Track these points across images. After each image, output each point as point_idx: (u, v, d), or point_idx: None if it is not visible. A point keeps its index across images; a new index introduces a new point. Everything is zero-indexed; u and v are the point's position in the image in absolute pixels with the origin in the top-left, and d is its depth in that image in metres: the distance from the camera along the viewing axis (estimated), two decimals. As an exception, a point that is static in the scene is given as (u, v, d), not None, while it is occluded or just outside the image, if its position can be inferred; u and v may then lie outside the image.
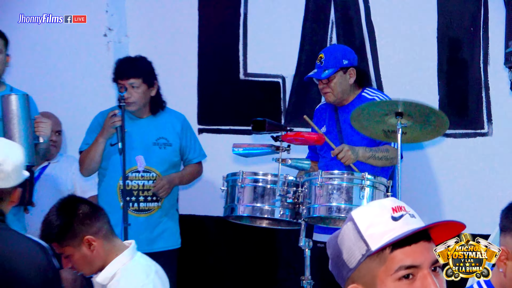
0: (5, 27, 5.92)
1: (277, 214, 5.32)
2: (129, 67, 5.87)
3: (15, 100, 5.46)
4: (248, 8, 6.76)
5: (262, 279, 6.76)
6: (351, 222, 2.23)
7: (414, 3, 6.23)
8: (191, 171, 6.12)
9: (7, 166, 3.47)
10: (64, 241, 3.91)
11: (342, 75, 5.56)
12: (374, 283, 2.20)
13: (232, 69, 6.85)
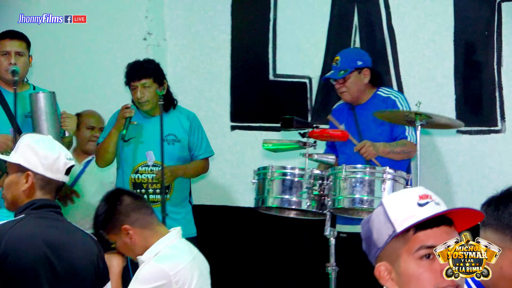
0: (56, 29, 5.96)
1: (304, 205, 5.33)
2: (140, 69, 5.87)
3: (43, 98, 5.50)
4: (277, 14, 6.77)
5: (287, 267, 6.77)
6: (381, 206, 2.32)
7: (432, 9, 6.21)
8: (196, 166, 6.08)
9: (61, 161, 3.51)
10: (106, 229, 4.04)
11: (357, 75, 5.59)
12: (398, 261, 2.27)
13: (262, 70, 6.85)
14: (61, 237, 3.49)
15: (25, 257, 3.34)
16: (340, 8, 6.54)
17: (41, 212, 3.47)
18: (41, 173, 3.48)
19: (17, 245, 3.33)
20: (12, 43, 5.73)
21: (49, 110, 5.51)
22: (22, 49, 5.75)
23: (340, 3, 6.54)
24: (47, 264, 3.39)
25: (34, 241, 3.38)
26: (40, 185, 3.49)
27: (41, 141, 3.59)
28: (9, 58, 5.67)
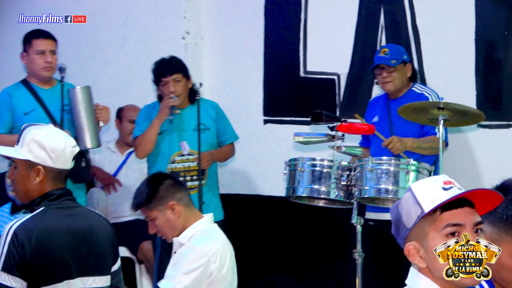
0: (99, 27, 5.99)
1: (332, 194, 5.35)
2: (171, 65, 5.90)
3: (80, 92, 5.56)
4: (308, 14, 6.76)
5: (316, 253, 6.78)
6: (410, 191, 2.40)
7: (454, 10, 6.18)
8: (225, 150, 6.14)
9: (67, 151, 3.47)
10: (151, 206, 4.06)
11: (402, 67, 5.59)
12: (426, 239, 2.35)
13: (294, 67, 6.85)
14: (82, 224, 3.49)
15: (54, 250, 3.34)
16: (367, 9, 6.53)
17: (59, 203, 3.46)
18: (50, 166, 3.45)
19: (46, 240, 3.32)
20: (47, 42, 5.77)
21: (86, 103, 5.58)
22: (55, 47, 5.81)
23: (367, 4, 6.53)
24: (74, 252, 3.41)
25: (60, 233, 3.38)
26: (51, 177, 3.47)
27: (46, 134, 3.50)
28: (44, 57, 5.72)
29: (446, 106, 5.06)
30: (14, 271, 3.23)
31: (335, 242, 6.45)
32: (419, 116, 5.25)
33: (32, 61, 5.74)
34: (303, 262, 6.85)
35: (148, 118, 5.92)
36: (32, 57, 5.73)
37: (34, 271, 3.27)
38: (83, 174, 5.78)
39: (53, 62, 5.74)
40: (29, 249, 3.25)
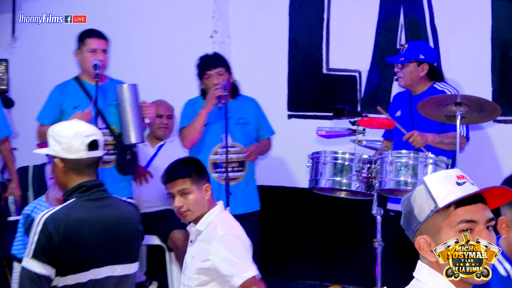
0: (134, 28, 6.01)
1: (353, 186, 5.34)
2: (216, 59, 5.94)
3: (127, 89, 5.57)
4: (331, 14, 6.77)
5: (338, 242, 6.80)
6: (423, 184, 2.35)
7: (471, 10, 6.17)
8: (264, 144, 6.16)
9: (76, 141, 3.48)
10: (195, 180, 4.02)
11: (415, 66, 5.54)
12: (439, 233, 2.30)
13: (317, 64, 6.86)
14: (113, 215, 3.51)
15: (82, 241, 3.37)
16: (388, 9, 6.52)
17: (89, 194, 3.48)
18: (64, 157, 3.48)
19: (74, 230, 3.35)
20: (99, 41, 5.80)
21: (132, 99, 5.58)
22: (106, 46, 5.84)
23: (388, 4, 6.52)
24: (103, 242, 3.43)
25: (88, 224, 3.40)
26: (71, 168, 3.49)
27: (60, 128, 3.55)
28: (96, 55, 5.76)
29: (462, 100, 5.02)
30: (43, 259, 3.26)
31: (356, 231, 6.45)
32: (437, 112, 5.21)
33: (84, 59, 5.77)
34: (325, 251, 6.87)
35: (193, 111, 5.95)
36: (84, 55, 5.77)
37: (61, 260, 3.30)
38: (129, 167, 5.82)
39: (104, 61, 5.79)
40: (57, 239, 3.28)
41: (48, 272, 3.27)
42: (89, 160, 3.52)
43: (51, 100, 5.89)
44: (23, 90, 7.16)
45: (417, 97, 5.54)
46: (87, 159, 3.51)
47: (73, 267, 3.34)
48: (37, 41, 7.48)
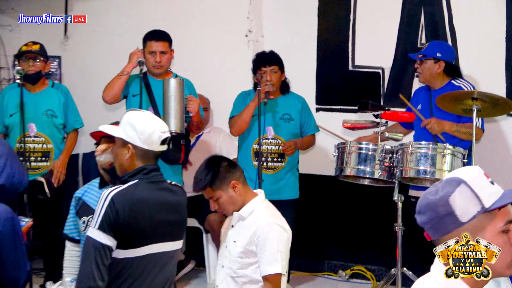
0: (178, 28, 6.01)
1: (376, 174, 5.35)
2: (271, 57, 5.94)
3: (172, 83, 5.54)
4: (357, 15, 6.73)
5: (362, 226, 6.79)
6: (465, 185, 2.23)
7: (487, 11, 6.12)
8: (307, 140, 6.13)
9: (155, 135, 3.51)
10: (215, 186, 3.97)
11: (432, 63, 5.52)
12: (483, 233, 2.20)
13: (343, 62, 6.82)
14: (170, 197, 3.55)
15: (143, 218, 3.39)
16: (409, 10, 6.49)
17: (150, 177, 3.51)
18: (139, 145, 3.51)
19: (137, 209, 3.38)
20: (158, 44, 5.80)
21: (176, 93, 5.55)
22: (165, 48, 5.82)
23: (409, 6, 6.49)
24: (160, 221, 3.46)
25: (149, 204, 3.43)
26: (139, 155, 3.52)
27: (140, 117, 3.57)
28: (155, 57, 5.78)
29: (479, 96, 5.01)
30: (108, 231, 3.29)
31: (378, 216, 6.44)
32: (454, 106, 5.21)
33: (146, 59, 5.81)
34: (350, 234, 6.86)
35: (243, 102, 5.98)
36: (146, 56, 5.81)
37: (124, 234, 3.33)
38: (174, 156, 5.80)
39: (163, 61, 5.79)
40: (123, 215, 3.31)
41: (111, 243, 3.30)
42: (157, 152, 3.58)
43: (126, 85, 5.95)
44: (73, 84, 7.21)
45: (436, 92, 5.51)
46: (156, 151, 3.56)
47: (134, 241, 3.37)
48: (87, 40, 7.53)
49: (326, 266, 6.93)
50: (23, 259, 3.57)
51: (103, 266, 3.28)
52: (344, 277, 6.68)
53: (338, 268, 6.84)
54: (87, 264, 3.28)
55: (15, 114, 5.82)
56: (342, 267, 6.81)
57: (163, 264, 3.47)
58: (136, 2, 7.39)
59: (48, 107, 5.92)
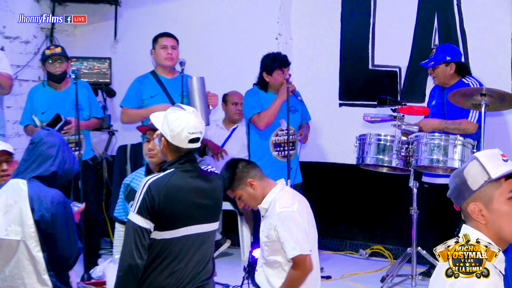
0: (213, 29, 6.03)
1: (394, 163, 5.36)
2: (287, 60, 5.89)
3: (195, 81, 5.59)
4: (376, 19, 6.69)
5: (380, 209, 6.77)
6: (476, 160, 2.30)
7: (494, 15, 6.06)
8: (307, 127, 6.05)
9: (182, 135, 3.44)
10: (234, 186, 4.02)
11: (444, 66, 5.49)
12: (491, 201, 2.25)
13: (364, 61, 6.78)
14: (204, 183, 3.52)
15: (178, 204, 3.39)
16: (424, 15, 6.44)
17: (186, 166, 3.48)
18: (169, 140, 3.47)
19: (172, 195, 3.37)
20: (168, 39, 5.89)
21: (200, 90, 5.60)
22: (175, 44, 5.90)
23: (424, 11, 6.43)
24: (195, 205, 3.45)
25: (184, 190, 3.42)
26: (170, 149, 3.49)
27: (174, 115, 3.48)
28: (166, 50, 5.83)
29: (487, 92, 5.00)
30: (145, 215, 3.31)
31: (395, 201, 6.42)
32: (465, 101, 5.19)
33: (158, 54, 5.85)
34: (369, 216, 6.85)
35: (259, 99, 5.93)
36: (157, 51, 5.86)
37: (160, 218, 3.34)
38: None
39: (173, 54, 5.84)
40: (158, 201, 3.31)
41: (149, 226, 3.32)
42: (187, 149, 3.51)
43: (132, 89, 5.95)
44: (123, 83, 7.25)
45: (448, 90, 5.50)
46: (186, 148, 3.50)
47: (170, 224, 3.38)
48: (135, 43, 7.58)
49: (348, 245, 6.93)
50: (74, 238, 3.60)
51: (142, 246, 3.31)
52: (365, 256, 6.68)
53: (359, 247, 6.83)
54: (128, 245, 3.31)
55: (47, 111, 5.81)
56: (363, 246, 6.80)
57: (200, 244, 3.48)
58: (177, 9, 7.41)
59: (75, 101, 5.94)
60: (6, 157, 4.16)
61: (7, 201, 3.53)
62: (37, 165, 3.60)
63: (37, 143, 3.65)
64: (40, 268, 3.48)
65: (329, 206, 6.78)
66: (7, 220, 3.50)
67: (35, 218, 3.46)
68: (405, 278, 5.45)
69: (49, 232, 3.47)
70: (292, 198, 4.04)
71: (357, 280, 5.81)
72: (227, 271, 5.83)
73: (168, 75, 5.89)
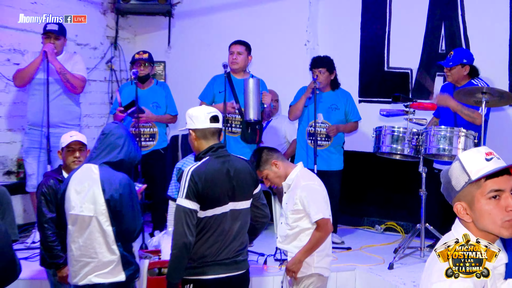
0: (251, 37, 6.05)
1: (405, 151, 5.34)
2: (319, 61, 5.92)
3: (251, 82, 5.61)
4: (391, 27, 6.66)
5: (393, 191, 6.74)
6: (458, 161, 2.16)
7: (493, 26, 5.99)
8: (350, 126, 6.08)
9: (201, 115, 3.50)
10: (261, 167, 4.07)
11: (460, 68, 5.44)
12: (473, 201, 2.10)
13: (380, 64, 6.76)
14: (234, 166, 3.51)
15: (216, 186, 3.41)
16: (432, 23, 6.39)
17: (218, 153, 3.50)
18: (193, 127, 3.52)
19: (210, 179, 3.39)
20: (235, 46, 5.92)
21: (255, 89, 5.62)
22: (241, 50, 5.90)
23: (432, 20, 6.38)
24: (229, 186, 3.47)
25: (220, 174, 3.44)
26: (199, 136, 3.52)
27: (192, 108, 3.60)
28: (232, 55, 5.87)
29: (487, 91, 4.96)
30: (192, 198, 3.34)
31: (407, 183, 6.38)
32: (468, 98, 5.14)
33: (228, 59, 5.91)
34: (384, 197, 6.84)
35: (300, 95, 5.98)
36: (228, 56, 5.92)
37: (203, 199, 3.38)
38: (248, 137, 5.89)
39: (238, 59, 5.86)
40: (200, 186, 3.35)
41: (195, 207, 3.35)
42: (211, 129, 3.52)
43: (208, 86, 6.04)
44: (175, 82, 7.34)
45: (458, 88, 5.44)
46: (209, 129, 3.52)
47: (211, 203, 3.40)
48: (185, 49, 7.63)
49: (365, 221, 6.92)
50: (138, 214, 3.64)
51: (192, 225, 3.34)
52: (380, 230, 6.67)
53: (375, 223, 6.82)
54: (179, 226, 3.34)
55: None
56: (378, 222, 6.79)
57: (235, 219, 3.49)
58: (220, 20, 7.42)
59: (154, 100, 5.99)
60: (79, 146, 4.23)
61: (82, 182, 3.59)
62: (106, 152, 3.65)
63: (107, 134, 3.69)
64: (109, 239, 3.53)
65: (350, 188, 6.78)
66: (81, 199, 3.56)
67: (105, 198, 3.51)
68: (414, 250, 5.44)
69: (117, 210, 3.51)
70: (312, 175, 4.12)
71: (373, 251, 5.80)
72: (263, 242, 5.84)
73: (238, 75, 5.92)
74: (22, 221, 6.09)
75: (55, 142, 5.21)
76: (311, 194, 3.91)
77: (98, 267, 3.54)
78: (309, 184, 3.96)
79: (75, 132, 4.36)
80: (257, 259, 5.30)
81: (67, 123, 5.83)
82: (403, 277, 4.91)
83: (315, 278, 3.95)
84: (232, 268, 3.50)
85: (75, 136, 4.24)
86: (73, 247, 3.61)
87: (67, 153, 4.21)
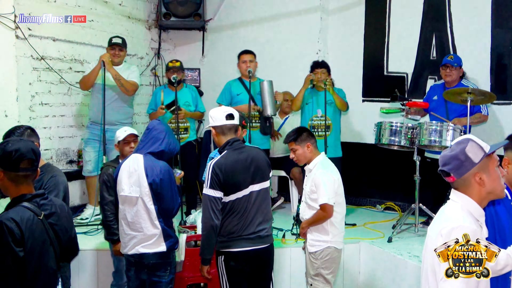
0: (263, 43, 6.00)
1: (402, 142, 5.28)
2: (321, 63, 5.90)
3: (266, 84, 5.62)
4: (390, 37, 6.58)
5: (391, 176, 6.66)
6: (471, 141, 2.27)
7: (477, 36, 5.88)
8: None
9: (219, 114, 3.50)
10: (298, 142, 3.98)
11: (459, 69, 5.41)
12: (488, 169, 2.23)
13: (380, 68, 6.69)
14: (249, 156, 3.49)
15: (235, 174, 3.41)
16: (425, 34, 6.31)
17: (234, 146, 3.49)
18: (213, 125, 3.52)
19: (230, 169, 3.40)
20: (247, 56, 5.89)
21: (269, 89, 5.63)
22: (252, 58, 5.89)
23: (425, 32, 6.30)
24: (247, 172, 3.46)
25: (237, 164, 3.43)
26: (218, 132, 3.51)
27: (213, 109, 3.59)
28: (246, 64, 5.84)
29: (472, 91, 4.90)
30: (215, 187, 3.37)
31: (403, 169, 6.31)
32: (455, 97, 5.08)
33: (240, 67, 5.93)
34: (384, 181, 6.78)
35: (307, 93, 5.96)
36: (240, 64, 5.93)
37: (225, 187, 3.39)
38: (267, 130, 5.89)
39: (250, 66, 5.83)
40: (221, 176, 3.37)
41: (219, 195, 3.38)
42: (228, 125, 3.50)
43: (225, 89, 6.02)
44: (208, 86, 7.35)
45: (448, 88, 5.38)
46: (226, 125, 3.50)
47: (232, 189, 3.41)
48: (217, 58, 7.61)
49: (368, 201, 6.86)
50: (176, 196, 3.65)
51: (217, 210, 3.37)
52: (380, 209, 6.62)
53: (375, 203, 6.76)
54: (207, 211, 3.37)
55: None
56: (379, 203, 6.74)
57: (255, 199, 3.50)
58: (246, 33, 7.39)
59: (186, 99, 5.96)
60: (134, 138, 4.26)
61: (130, 169, 3.62)
62: (150, 144, 3.67)
63: (151, 129, 3.72)
64: (152, 216, 3.55)
65: (354, 173, 6.72)
66: (130, 182, 3.59)
67: (148, 182, 3.53)
68: (410, 226, 5.40)
69: (158, 191, 3.54)
70: (331, 165, 4.06)
71: (374, 226, 5.75)
72: (281, 219, 5.85)
73: (248, 79, 5.90)
74: (80, 201, 6.15)
75: (110, 136, 5.29)
76: (323, 180, 3.89)
77: (143, 239, 3.57)
78: (324, 172, 3.92)
79: (127, 128, 4.38)
80: (277, 233, 5.29)
81: (122, 121, 5.88)
82: (400, 249, 4.89)
83: (332, 249, 3.97)
84: (257, 242, 3.50)
85: (129, 130, 4.27)
86: (123, 223, 3.65)
87: (124, 145, 4.23)
